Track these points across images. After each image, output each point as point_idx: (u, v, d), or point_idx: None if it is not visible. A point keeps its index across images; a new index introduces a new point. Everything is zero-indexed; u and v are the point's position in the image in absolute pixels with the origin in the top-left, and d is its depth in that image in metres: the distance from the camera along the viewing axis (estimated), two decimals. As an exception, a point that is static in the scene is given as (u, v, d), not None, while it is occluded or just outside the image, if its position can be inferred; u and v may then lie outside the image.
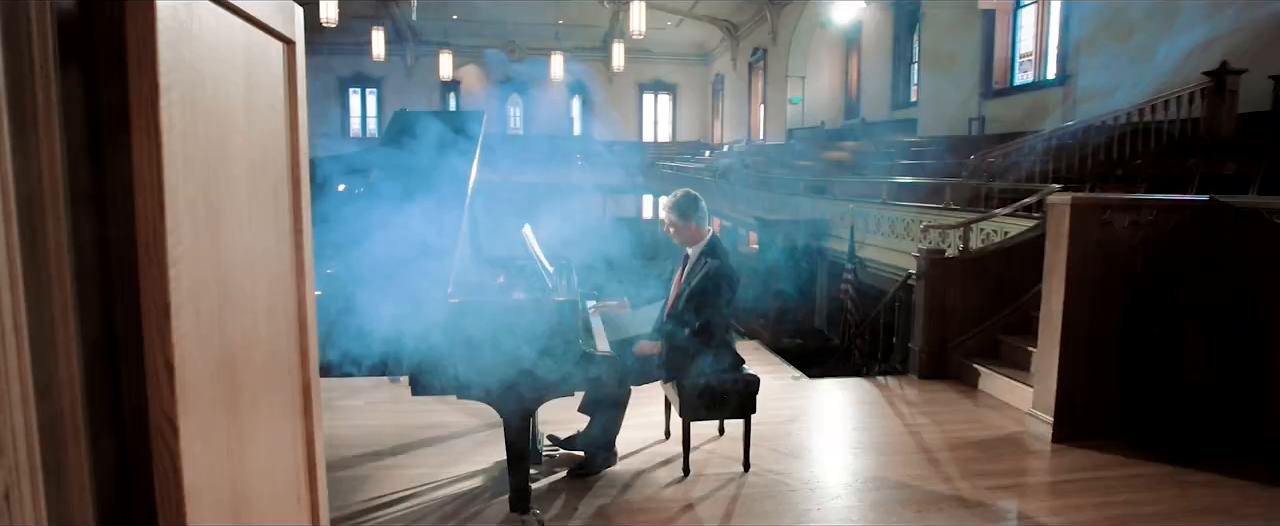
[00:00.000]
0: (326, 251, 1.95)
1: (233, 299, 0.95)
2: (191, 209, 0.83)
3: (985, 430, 3.53)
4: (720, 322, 2.75)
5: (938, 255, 4.61)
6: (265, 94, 1.05)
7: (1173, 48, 6.01)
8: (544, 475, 2.76)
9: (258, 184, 1.03)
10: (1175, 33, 6.13)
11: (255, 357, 1.02)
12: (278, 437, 1.10)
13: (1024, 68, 10.65)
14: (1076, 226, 3.39)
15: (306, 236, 1.20)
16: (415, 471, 2.78)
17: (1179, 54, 5.94)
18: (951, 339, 4.57)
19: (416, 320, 1.97)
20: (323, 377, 2.19)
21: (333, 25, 15.86)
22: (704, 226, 2.90)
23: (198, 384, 0.84)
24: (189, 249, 0.82)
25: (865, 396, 4.10)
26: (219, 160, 0.91)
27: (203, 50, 0.85)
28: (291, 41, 1.13)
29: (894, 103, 14.66)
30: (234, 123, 0.95)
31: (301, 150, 1.17)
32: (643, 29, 17.92)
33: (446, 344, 2.01)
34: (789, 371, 4.60)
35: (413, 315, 1.97)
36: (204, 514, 0.86)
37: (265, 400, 1.05)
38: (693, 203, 2.89)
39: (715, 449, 3.14)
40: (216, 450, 0.90)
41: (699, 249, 2.87)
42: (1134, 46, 7.11)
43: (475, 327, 2.02)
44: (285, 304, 1.14)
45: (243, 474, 0.97)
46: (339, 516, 2.37)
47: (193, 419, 0.83)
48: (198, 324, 0.85)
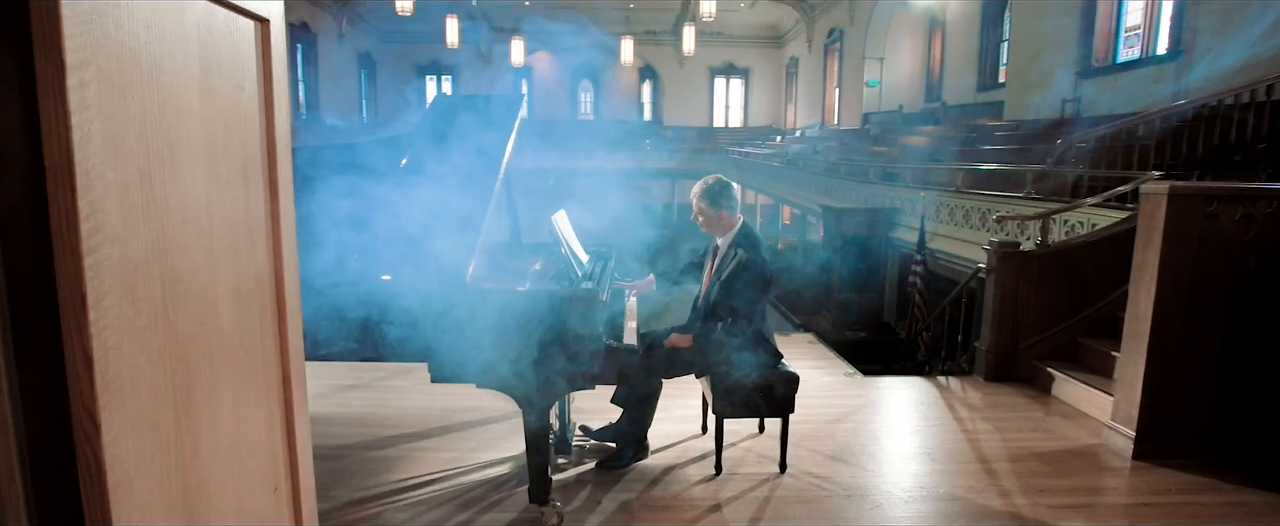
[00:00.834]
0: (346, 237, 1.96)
1: (183, 286, 0.92)
2: (123, 194, 0.80)
3: (1055, 441, 3.25)
4: (754, 315, 2.62)
5: (1011, 248, 4.27)
6: (230, 74, 1.02)
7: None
8: (573, 465, 2.73)
9: (220, 167, 1.00)
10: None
11: (216, 346, 0.99)
12: (247, 427, 1.08)
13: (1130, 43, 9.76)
14: (1174, 219, 3.05)
15: (286, 221, 1.17)
16: (446, 455, 2.80)
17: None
18: (1024, 339, 4.24)
19: (434, 307, 1.95)
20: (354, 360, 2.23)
21: (409, 14, 16.35)
22: (735, 214, 2.77)
23: (133, 374, 0.82)
24: (118, 235, 0.79)
25: (922, 397, 3.86)
26: (165, 143, 0.87)
27: (136, 28, 0.82)
28: (265, 19, 1.09)
29: (979, 85, 13.82)
30: (186, 104, 0.92)
31: (279, 131, 1.14)
32: (714, 11, 17.60)
33: (462, 332, 1.98)
34: (842, 367, 4.39)
35: (430, 301, 1.95)
36: (143, 508, 0.84)
37: (231, 389, 1.03)
38: (723, 189, 2.76)
39: (753, 447, 3.02)
40: (158, 442, 0.87)
41: (729, 238, 2.74)
42: (1261, 16, 6.37)
43: (491, 316, 1.99)
44: (258, 291, 1.11)
45: (198, 466, 0.95)
46: (366, 496, 2.41)
47: (125, 411, 0.80)
48: (134, 312, 0.82)
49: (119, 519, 0.80)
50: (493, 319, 1.98)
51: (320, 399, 3.46)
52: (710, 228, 2.79)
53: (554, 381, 2.04)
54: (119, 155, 0.79)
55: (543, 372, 2.02)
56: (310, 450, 1.29)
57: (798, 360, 4.36)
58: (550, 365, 2.02)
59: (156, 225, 0.87)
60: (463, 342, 1.97)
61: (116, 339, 0.79)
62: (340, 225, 1.93)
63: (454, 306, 1.97)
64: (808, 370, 4.19)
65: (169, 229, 0.89)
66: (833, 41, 20.01)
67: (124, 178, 0.80)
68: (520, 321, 2.00)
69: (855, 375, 4.24)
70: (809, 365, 4.32)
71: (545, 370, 2.02)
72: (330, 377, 3.78)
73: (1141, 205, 3.23)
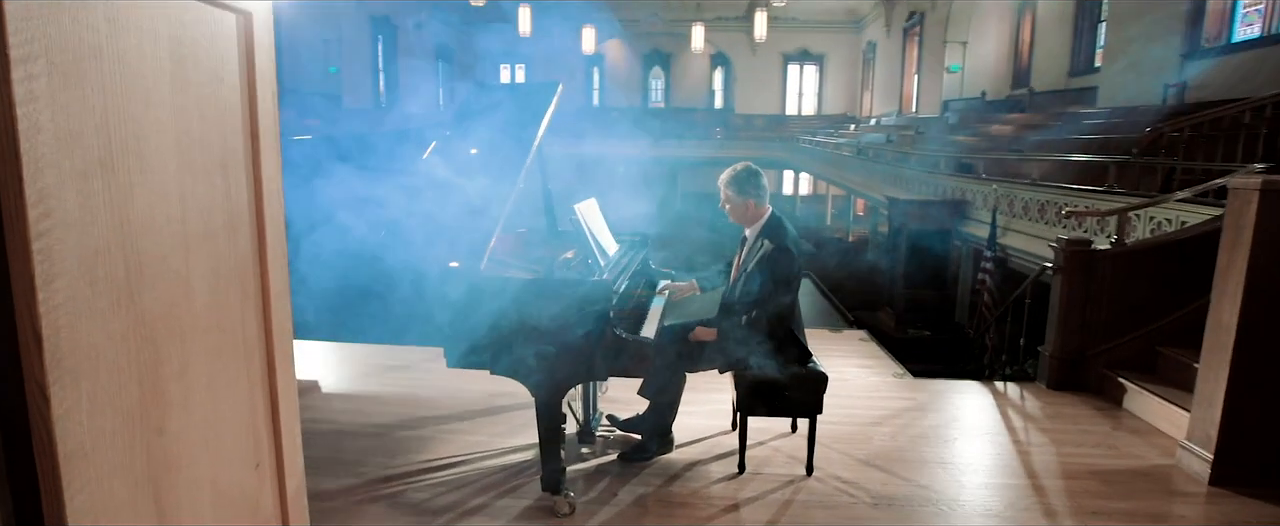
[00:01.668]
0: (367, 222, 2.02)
1: (151, 270, 0.96)
2: (82, 182, 0.84)
3: (1120, 459, 3.01)
4: (780, 309, 2.54)
5: (1081, 246, 3.97)
6: (206, 66, 1.05)
7: None
8: (596, 455, 2.74)
9: (195, 157, 1.04)
10: None
11: (188, 327, 1.04)
12: (224, 405, 1.13)
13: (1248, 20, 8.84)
14: (1266, 217, 2.75)
15: (270, 210, 1.21)
16: (475, 438, 2.87)
17: None
18: (1093, 345, 3.94)
19: (447, 293, 1.99)
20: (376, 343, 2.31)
21: (481, 4, 16.75)
22: (763, 205, 2.69)
23: (90, 352, 0.86)
24: (74, 221, 0.83)
25: (975, 403, 3.66)
26: (130, 133, 0.92)
27: (96, 22, 0.85)
28: (247, 13, 1.13)
29: (1072, 69, 12.90)
30: (155, 96, 0.96)
31: (263, 122, 1.18)
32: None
33: (474, 318, 2.01)
34: (891, 367, 4.22)
35: (444, 288, 1.99)
36: (101, 479, 0.89)
37: (205, 369, 1.08)
38: (752, 178, 2.68)
39: (782, 446, 2.95)
40: (119, 417, 0.92)
41: (757, 229, 2.67)
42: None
43: (500, 304, 2.01)
44: (239, 276, 1.15)
45: (165, 441, 1.00)
46: (393, 474, 2.51)
47: (79, 386, 0.85)
48: (92, 294, 0.87)
49: (72, 487, 0.84)
50: (500, 306, 2.01)
51: (366, 378, 3.62)
52: (737, 217, 2.72)
53: (559, 370, 2.05)
54: (76, 145, 0.83)
55: (548, 361, 2.03)
56: (297, 429, 1.33)
57: (843, 358, 4.23)
58: (553, 355, 2.02)
59: (120, 212, 0.91)
60: (474, 329, 2.01)
61: (70, 318, 0.83)
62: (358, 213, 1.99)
63: (466, 293, 2.00)
64: (853, 369, 4.05)
65: (134, 215, 0.93)
66: (913, 25, 19.14)
67: (82, 166, 0.85)
68: (525, 309, 2.02)
69: (904, 376, 4.07)
70: (855, 363, 4.17)
71: (551, 359, 2.03)
72: (378, 358, 3.94)
73: (1229, 201, 2.93)
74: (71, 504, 0.85)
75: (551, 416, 2.13)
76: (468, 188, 2.13)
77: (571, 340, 2.04)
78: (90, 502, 0.87)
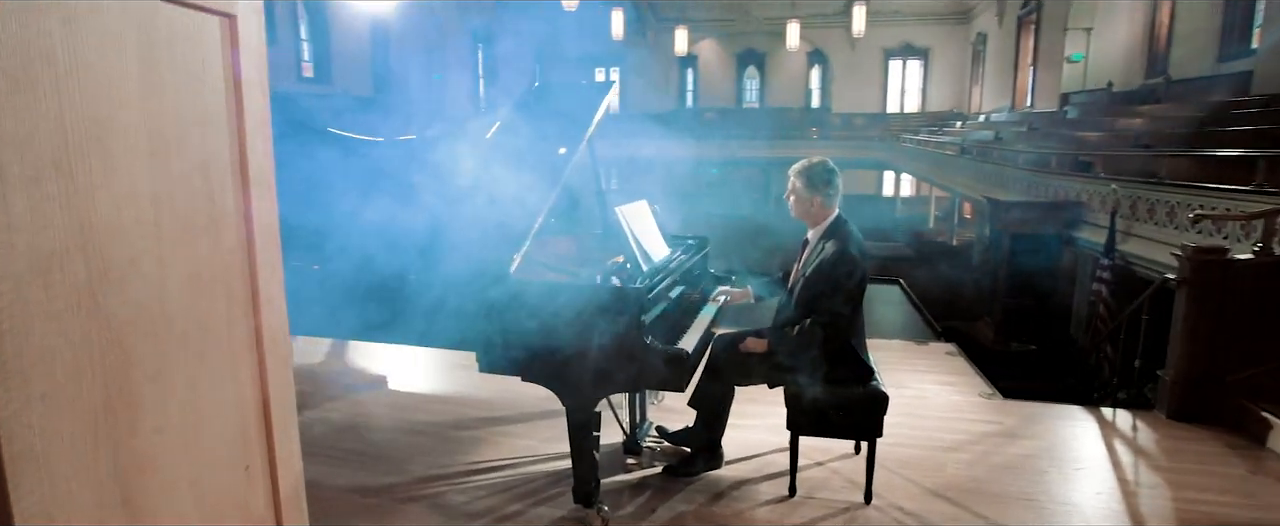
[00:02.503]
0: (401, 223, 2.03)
1: (117, 272, 0.96)
2: (32, 187, 0.85)
3: (1257, 510, 2.56)
4: (839, 319, 2.35)
5: (1213, 256, 3.47)
6: (183, 69, 1.05)
7: None
8: (642, 467, 2.65)
9: (171, 160, 1.04)
10: None
11: (163, 329, 1.04)
12: (206, 407, 1.13)
13: None
14: None
15: (260, 212, 1.20)
16: (524, 442, 2.86)
17: None
18: (1229, 370, 3.43)
19: (479, 297, 1.97)
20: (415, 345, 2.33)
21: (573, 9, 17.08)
22: (831, 206, 2.50)
23: (44, 354, 0.87)
24: (24, 225, 0.84)
25: (1076, 431, 3.26)
26: (90, 137, 0.92)
27: (49, 27, 0.86)
28: (231, 15, 1.12)
29: (1222, 53, 11.46)
30: (120, 99, 0.96)
31: (250, 125, 1.17)
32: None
33: (502, 323, 1.98)
34: (979, 385, 3.85)
35: (476, 291, 1.97)
36: (60, 479, 0.90)
37: (183, 371, 1.08)
38: (825, 174, 2.50)
39: (841, 469, 2.73)
40: (79, 418, 0.92)
41: (820, 232, 2.48)
42: None
43: (527, 308, 1.96)
44: (224, 279, 1.15)
45: (136, 442, 1.00)
46: (436, 474, 2.53)
47: (30, 387, 0.85)
48: (47, 297, 0.87)
49: (20, 488, 0.85)
50: (527, 311, 1.96)
51: (434, 376, 3.71)
52: (800, 213, 2.54)
53: (586, 379, 1.98)
54: (25, 149, 0.84)
55: (575, 370, 1.97)
56: (293, 431, 1.33)
57: (924, 374, 3.91)
58: (581, 363, 1.95)
59: (79, 215, 0.91)
60: (502, 334, 1.97)
61: (17, 321, 0.84)
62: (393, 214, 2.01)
63: (494, 297, 1.97)
64: (934, 386, 3.74)
65: (96, 219, 0.93)
66: (1028, 13, 17.73)
67: (32, 171, 0.85)
68: (552, 314, 1.96)
69: (994, 396, 3.70)
70: (937, 380, 3.85)
71: (577, 368, 1.96)
72: (449, 356, 4.02)
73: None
74: (19, 505, 0.85)
75: (582, 426, 2.06)
76: (506, 190, 2.11)
77: (598, 348, 1.96)
78: (42, 503, 0.87)
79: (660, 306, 2.36)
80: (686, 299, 2.64)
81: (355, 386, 3.52)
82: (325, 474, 2.56)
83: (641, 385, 2.05)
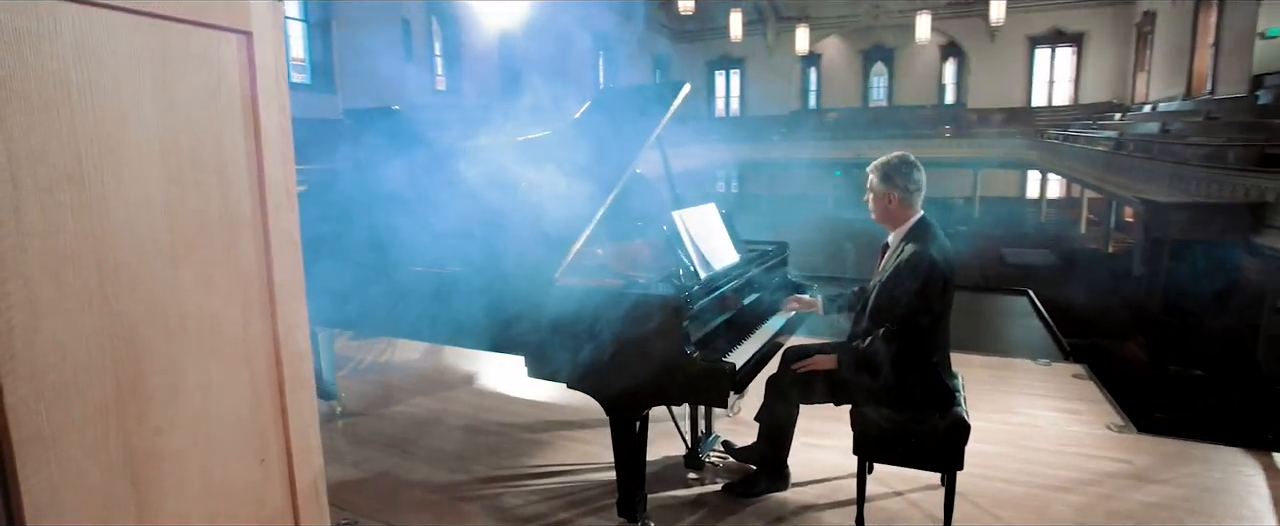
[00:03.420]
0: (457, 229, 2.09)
1: (129, 274, 1.05)
2: (46, 196, 0.94)
3: None
4: (916, 333, 2.13)
5: None
6: (198, 84, 1.13)
7: None
8: (703, 484, 2.56)
9: (185, 171, 1.13)
10: None
11: (176, 328, 1.12)
12: (221, 401, 1.21)
13: None
14: None
15: (277, 220, 1.27)
16: (589, 448, 2.86)
17: None
18: None
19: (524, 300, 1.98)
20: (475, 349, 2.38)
21: (691, 12, 17.08)
22: (911, 204, 2.28)
23: (56, 347, 0.96)
24: (37, 230, 0.93)
25: (1234, 480, 2.75)
26: (102, 150, 1.01)
27: (62, 52, 0.95)
28: (247, 32, 1.20)
29: None
30: (133, 115, 1.04)
31: (267, 136, 1.24)
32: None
33: (549, 328, 1.98)
34: (1109, 416, 3.38)
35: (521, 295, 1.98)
36: (69, 463, 0.99)
37: (197, 366, 1.16)
38: (902, 168, 2.28)
39: (922, 501, 2.49)
40: (89, 407, 1.01)
41: (900, 234, 2.28)
42: None
43: (569, 314, 1.94)
44: (240, 282, 1.23)
45: (145, 431, 1.09)
46: (497, 475, 2.58)
47: (41, 378, 0.95)
48: (59, 295, 0.96)
49: (27, 467, 0.94)
50: (568, 316, 1.94)
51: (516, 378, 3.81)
52: (879, 214, 2.34)
53: (625, 389, 1.93)
54: (38, 163, 0.93)
55: (613, 378, 1.92)
56: (313, 428, 1.39)
57: (1040, 398, 3.51)
58: (619, 371, 1.91)
59: (92, 221, 1.00)
60: (548, 339, 1.97)
61: (29, 317, 0.93)
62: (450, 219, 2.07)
63: (539, 301, 1.98)
64: (1051, 413, 3.34)
65: (109, 225, 1.02)
66: (1209, -13, 15.51)
67: (46, 181, 0.94)
68: (591, 321, 1.93)
69: (1126, 429, 3.22)
70: (1055, 406, 3.42)
71: (615, 376, 1.92)
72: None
73: None
74: (26, 482, 0.95)
75: (624, 436, 2.02)
76: (555, 196, 2.12)
77: (636, 357, 1.91)
78: (49, 482, 0.97)
79: (719, 316, 2.27)
80: (751, 308, 2.52)
81: (446, 383, 3.70)
82: (398, 466, 2.70)
83: (680, 398, 1.98)
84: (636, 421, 2.01)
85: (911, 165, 2.33)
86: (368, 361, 4.08)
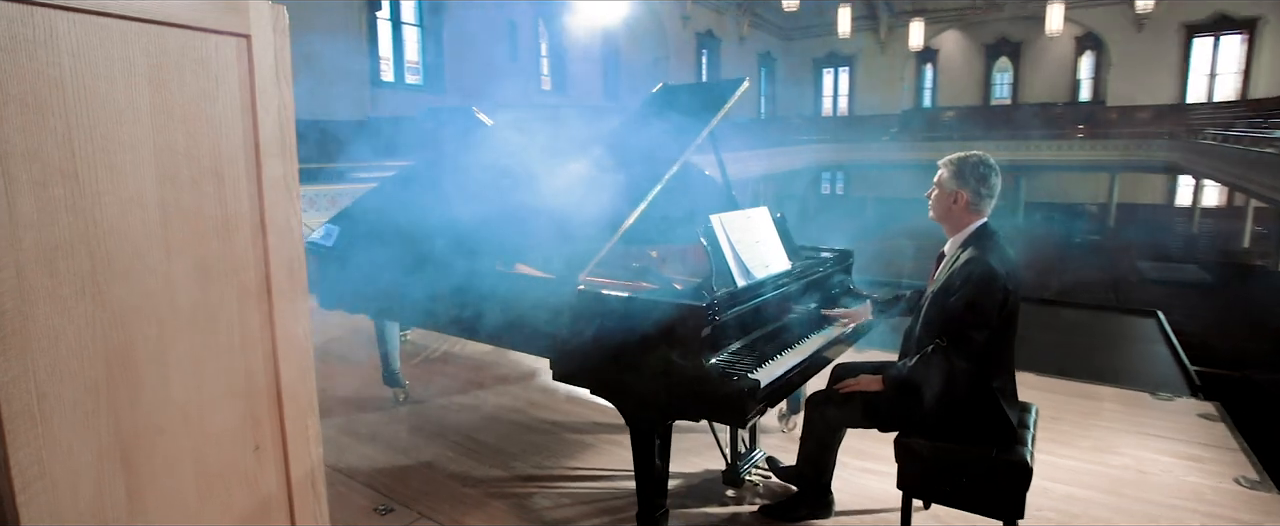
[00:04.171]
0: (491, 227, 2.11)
1: (121, 265, 1.12)
2: (40, 191, 1.01)
3: None
4: (967, 349, 1.91)
5: None
6: (195, 86, 1.19)
7: None
8: (741, 502, 2.44)
9: (181, 169, 1.18)
10: None
11: (167, 316, 1.19)
12: (212, 388, 1.26)
13: None
14: None
15: (275, 216, 1.32)
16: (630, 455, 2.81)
17: None
18: None
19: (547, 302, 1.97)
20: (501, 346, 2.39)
21: (795, 9, 16.58)
22: (979, 208, 2.06)
23: (49, 330, 1.03)
24: (32, 222, 1.01)
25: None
26: (97, 149, 1.07)
27: (59, 58, 1.02)
28: (245, 35, 1.24)
29: None
30: (128, 116, 1.11)
31: (265, 134, 1.29)
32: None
33: (571, 332, 1.95)
34: (1240, 467, 2.90)
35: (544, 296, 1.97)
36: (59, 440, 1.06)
37: (189, 353, 1.22)
38: (979, 168, 2.06)
39: (981, 539, 2.24)
40: (80, 388, 1.08)
41: (959, 239, 2.06)
42: None
43: (586, 318, 1.90)
44: (234, 275, 1.28)
45: (136, 413, 1.16)
46: (535, 474, 2.59)
47: (33, 359, 1.02)
48: (53, 283, 1.04)
49: (17, 440, 1.02)
50: (586, 320, 1.90)
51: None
52: (939, 213, 2.12)
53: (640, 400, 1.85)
54: (32, 160, 1.00)
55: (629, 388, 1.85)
56: (310, 420, 1.44)
57: (1155, 439, 3.12)
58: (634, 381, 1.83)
59: (85, 214, 1.07)
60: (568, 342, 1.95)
61: (22, 302, 1.01)
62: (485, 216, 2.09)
63: (561, 304, 1.95)
64: (1165, 457, 2.94)
65: (102, 218, 1.09)
66: None
67: (41, 177, 1.01)
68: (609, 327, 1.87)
69: (1261, 485, 2.75)
70: (1173, 450, 2.99)
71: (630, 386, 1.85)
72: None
73: None
74: (15, 455, 1.02)
75: (644, 448, 1.94)
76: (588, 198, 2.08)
77: (650, 367, 1.84)
78: (36, 456, 1.04)
79: (755, 326, 2.16)
80: (797, 320, 2.38)
81: (507, 377, 3.78)
82: (442, 456, 2.77)
83: (695, 414, 1.88)
84: (656, 432, 1.94)
85: (990, 167, 2.10)
86: (441, 351, 4.25)
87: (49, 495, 1.06)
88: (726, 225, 2.25)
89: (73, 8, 1.03)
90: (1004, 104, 24.40)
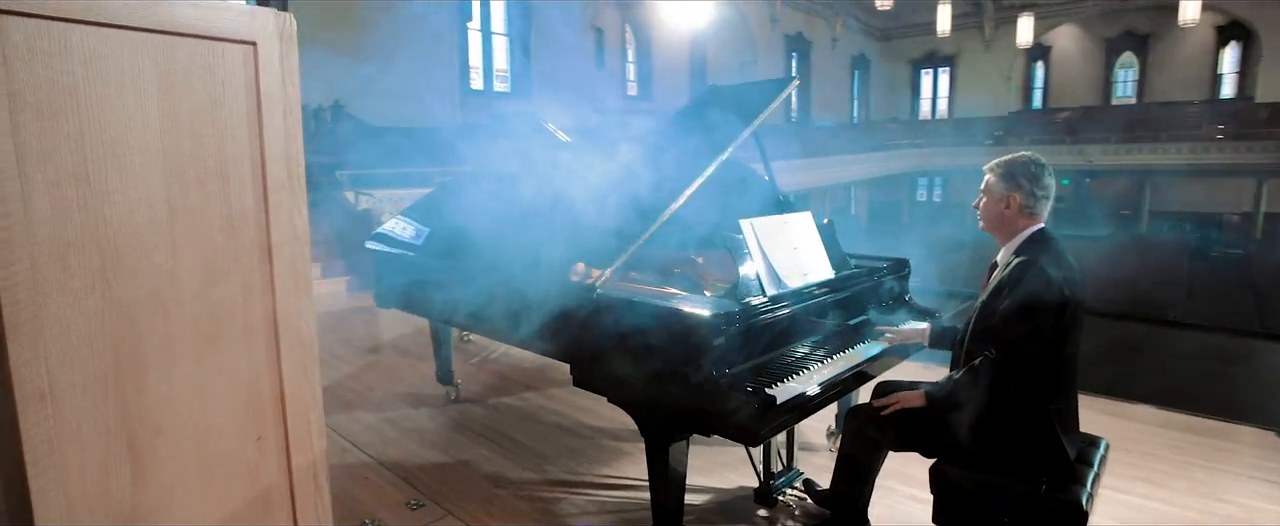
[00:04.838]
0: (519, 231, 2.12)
1: (129, 261, 1.19)
2: (53, 191, 1.10)
3: None
4: (1018, 364, 1.72)
5: None
6: (202, 92, 1.25)
7: None
8: (773, 524, 2.33)
9: (187, 171, 1.25)
10: None
11: (173, 310, 1.26)
12: (216, 379, 1.33)
13: None
14: None
15: (279, 217, 1.37)
16: (664, 462, 2.75)
17: None
18: None
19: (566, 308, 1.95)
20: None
21: (889, 8, 15.90)
22: (1034, 213, 1.87)
23: (59, 320, 1.12)
24: (46, 219, 1.09)
25: None
26: (107, 152, 1.15)
27: (71, 67, 1.10)
28: (252, 43, 1.31)
29: None
30: (137, 120, 1.18)
31: (269, 137, 1.35)
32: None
33: (586, 337, 1.92)
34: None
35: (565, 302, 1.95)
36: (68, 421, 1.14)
37: (193, 345, 1.29)
38: (1028, 168, 1.88)
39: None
40: (89, 374, 1.16)
41: (1012, 247, 1.88)
42: None
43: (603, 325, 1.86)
44: (240, 272, 1.34)
45: (142, 400, 1.23)
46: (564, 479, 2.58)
47: (44, 345, 1.11)
48: (65, 276, 1.12)
49: (28, 420, 1.11)
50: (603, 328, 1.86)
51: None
52: (990, 221, 1.94)
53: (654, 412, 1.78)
54: (47, 162, 1.09)
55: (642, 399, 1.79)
56: (314, 413, 1.49)
57: (1240, 476, 2.74)
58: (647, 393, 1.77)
59: (95, 213, 1.15)
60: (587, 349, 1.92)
61: (35, 293, 1.10)
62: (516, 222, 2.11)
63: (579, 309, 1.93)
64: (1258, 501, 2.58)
65: (112, 217, 1.17)
66: None
67: (55, 178, 1.10)
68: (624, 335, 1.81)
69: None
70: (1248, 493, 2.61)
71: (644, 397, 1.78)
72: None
73: None
74: (27, 433, 1.11)
75: (658, 461, 1.88)
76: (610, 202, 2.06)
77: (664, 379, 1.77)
78: (46, 435, 1.13)
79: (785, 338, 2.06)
80: (835, 332, 2.25)
81: (556, 380, 3.80)
82: (480, 456, 2.82)
83: (705, 428, 1.78)
84: (670, 445, 1.88)
85: (1042, 166, 1.91)
86: (498, 352, 4.35)
87: (58, 470, 1.15)
88: (758, 230, 2.16)
89: (85, 20, 1.11)
90: (1127, 103, 22.38)
